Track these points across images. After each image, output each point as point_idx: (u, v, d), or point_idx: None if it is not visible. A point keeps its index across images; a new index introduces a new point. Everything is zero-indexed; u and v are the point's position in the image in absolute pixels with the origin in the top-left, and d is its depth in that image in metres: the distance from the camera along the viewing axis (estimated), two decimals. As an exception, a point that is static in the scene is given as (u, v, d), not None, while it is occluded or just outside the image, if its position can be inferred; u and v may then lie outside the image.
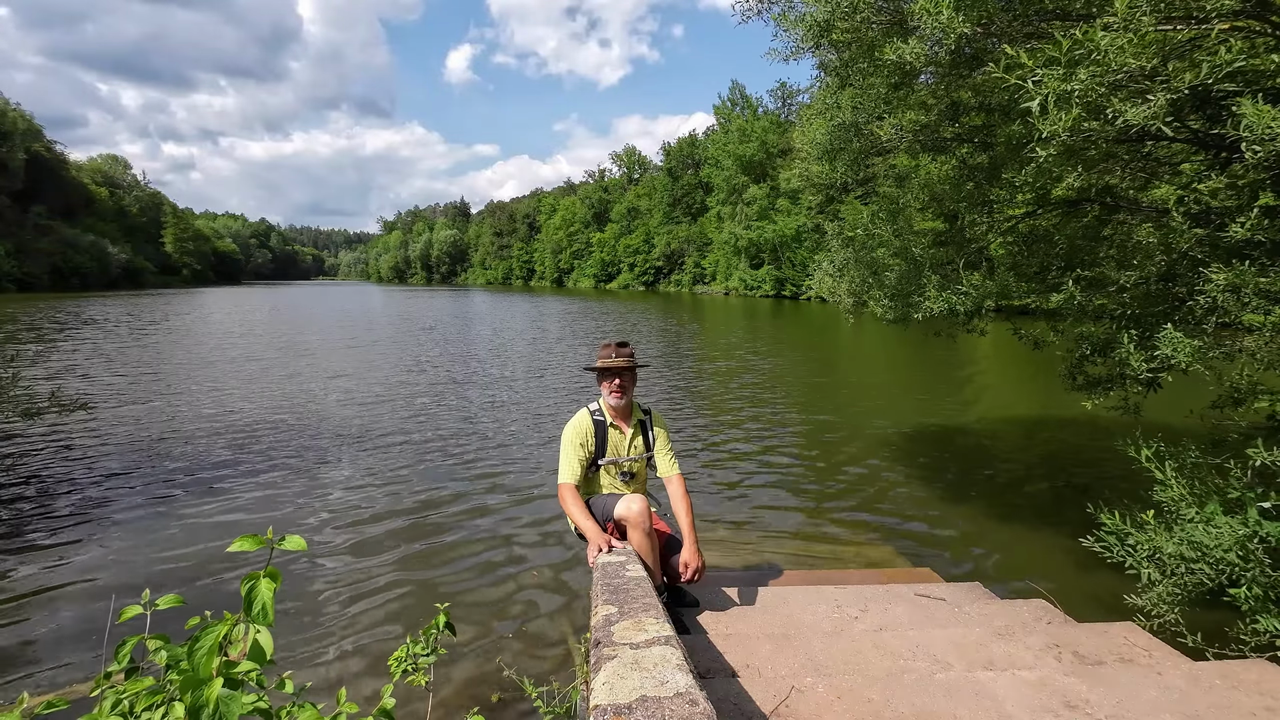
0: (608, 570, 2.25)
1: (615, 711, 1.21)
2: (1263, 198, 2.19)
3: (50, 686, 2.82)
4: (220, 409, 8.40)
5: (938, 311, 3.46)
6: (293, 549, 1.02)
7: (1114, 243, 3.54)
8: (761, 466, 6.22)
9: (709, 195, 58.89)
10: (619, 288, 69.12)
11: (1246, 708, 1.79)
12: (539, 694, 2.41)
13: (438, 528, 4.67)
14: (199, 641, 0.91)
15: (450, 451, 6.62)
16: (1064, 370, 3.90)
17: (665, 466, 2.87)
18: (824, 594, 2.94)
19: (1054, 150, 2.25)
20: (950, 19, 2.36)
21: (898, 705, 1.81)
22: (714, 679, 1.98)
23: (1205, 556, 2.15)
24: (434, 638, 1.64)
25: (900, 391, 10.48)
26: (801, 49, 3.38)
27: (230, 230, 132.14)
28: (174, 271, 76.90)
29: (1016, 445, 7.16)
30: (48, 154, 60.33)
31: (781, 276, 45.01)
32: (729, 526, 4.72)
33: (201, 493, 5.26)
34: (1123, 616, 2.55)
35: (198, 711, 0.84)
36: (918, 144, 3.78)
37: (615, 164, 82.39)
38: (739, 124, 52.10)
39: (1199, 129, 2.71)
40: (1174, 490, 2.32)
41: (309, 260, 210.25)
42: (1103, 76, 1.95)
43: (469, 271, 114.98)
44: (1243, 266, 2.25)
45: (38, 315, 24.06)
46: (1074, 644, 2.28)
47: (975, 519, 4.90)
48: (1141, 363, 2.60)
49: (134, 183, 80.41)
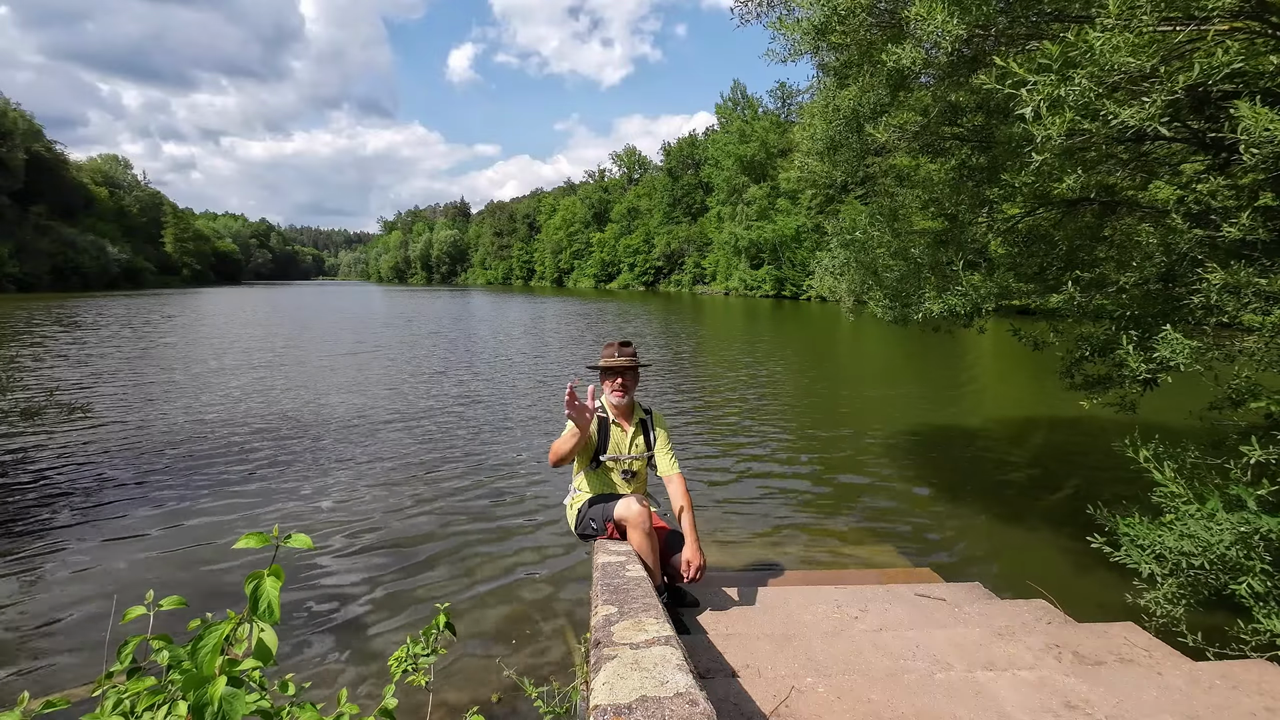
0: (608, 570, 2.25)
1: (615, 711, 1.21)
2: (1262, 198, 2.19)
3: (51, 686, 2.83)
4: (220, 411, 8.41)
5: (937, 313, 3.46)
6: (298, 547, 1.02)
7: (1113, 243, 3.54)
8: (761, 466, 6.22)
9: (709, 195, 58.88)
10: (619, 288, 69.09)
11: (1246, 708, 1.79)
12: (539, 694, 2.41)
13: (438, 528, 4.67)
14: (203, 639, 0.91)
15: (451, 453, 6.62)
16: (1062, 369, 3.90)
17: (665, 465, 2.88)
18: (824, 594, 2.95)
19: (1049, 153, 2.25)
20: (945, 23, 2.36)
21: (898, 705, 1.81)
22: (714, 679, 1.98)
23: (1207, 552, 2.15)
24: (434, 638, 1.65)
25: (900, 391, 10.48)
26: (799, 51, 3.39)
27: (230, 230, 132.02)
28: (174, 271, 76.86)
29: (1017, 445, 7.17)
30: (48, 154, 60.26)
31: (781, 276, 45.02)
32: (729, 527, 4.72)
33: (202, 494, 5.26)
34: (1123, 616, 2.55)
35: (201, 710, 0.84)
36: (917, 145, 3.79)
37: (615, 164, 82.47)
38: (739, 124, 52.06)
39: (1198, 129, 2.71)
40: (1173, 488, 2.33)
41: (309, 260, 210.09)
42: (1098, 79, 1.95)
43: (469, 272, 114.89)
44: (1241, 267, 2.26)
45: (38, 315, 24.05)
46: (1074, 644, 2.28)
47: (975, 519, 4.90)
48: (1140, 363, 2.60)
49: (134, 182, 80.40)
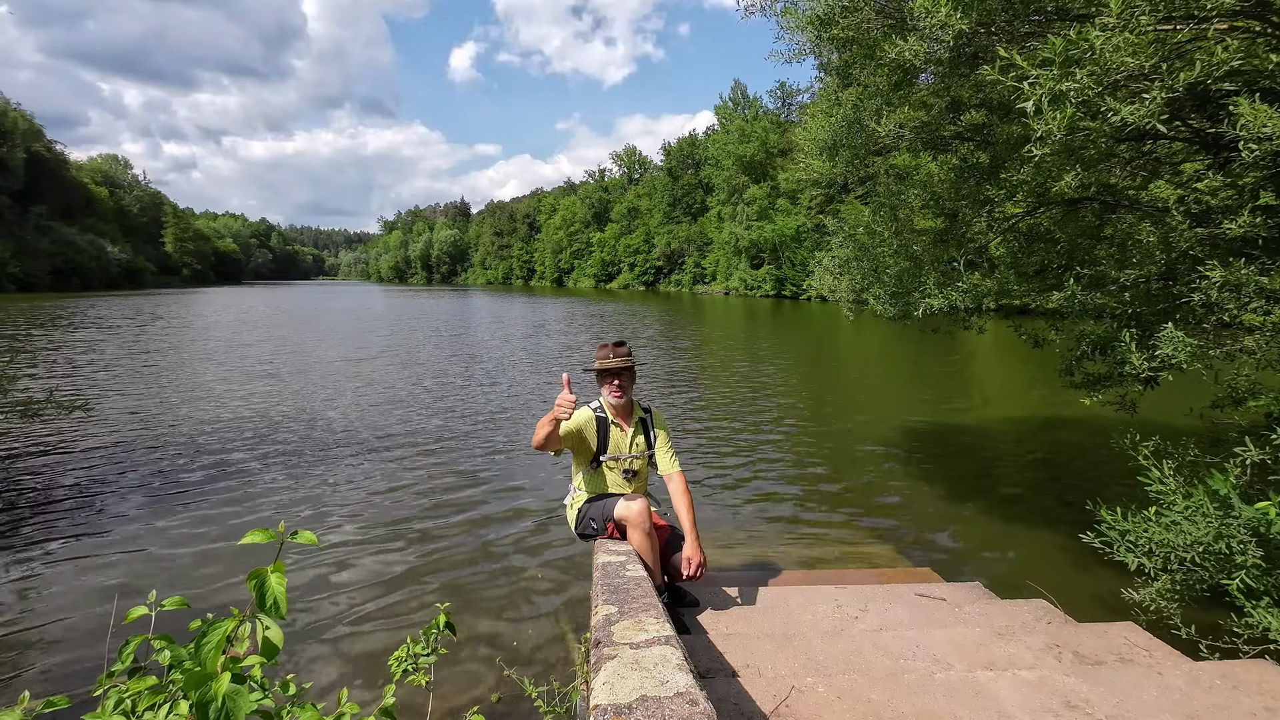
0: (608, 570, 2.25)
1: (615, 711, 1.21)
2: (1263, 197, 2.19)
3: (52, 686, 2.83)
4: (221, 412, 8.41)
5: (938, 309, 3.46)
6: (304, 543, 1.02)
7: (1114, 241, 3.54)
8: (761, 466, 6.22)
9: (709, 195, 58.83)
10: (619, 288, 69.07)
11: (1246, 708, 1.79)
12: (539, 694, 2.41)
13: (438, 528, 4.67)
14: (206, 636, 0.91)
15: (451, 455, 6.62)
16: (1062, 367, 3.89)
17: (666, 464, 2.88)
18: (824, 594, 2.95)
19: (1050, 149, 2.25)
20: (949, 15, 2.36)
21: (898, 705, 1.81)
22: (714, 679, 1.98)
23: (1194, 545, 2.15)
24: (434, 638, 1.65)
25: (900, 391, 10.47)
26: (803, 51, 3.39)
27: (230, 230, 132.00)
28: (174, 271, 76.86)
29: (1017, 445, 7.16)
30: (48, 154, 60.28)
31: (781, 276, 45.00)
32: (729, 526, 4.72)
33: (202, 494, 5.27)
34: (1123, 617, 2.55)
35: (205, 707, 0.84)
36: (919, 142, 3.78)
37: (615, 164, 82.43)
38: (739, 124, 52.01)
39: (1199, 128, 2.71)
40: (1170, 484, 2.33)
41: (309, 260, 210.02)
42: (1098, 76, 1.95)
43: (469, 271, 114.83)
44: (1241, 265, 2.26)
45: (38, 315, 24.05)
46: (1074, 644, 2.28)
47: (975, 518, 4.90)
48: (1142, 361, 2.59)
49: (134, 182, 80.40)
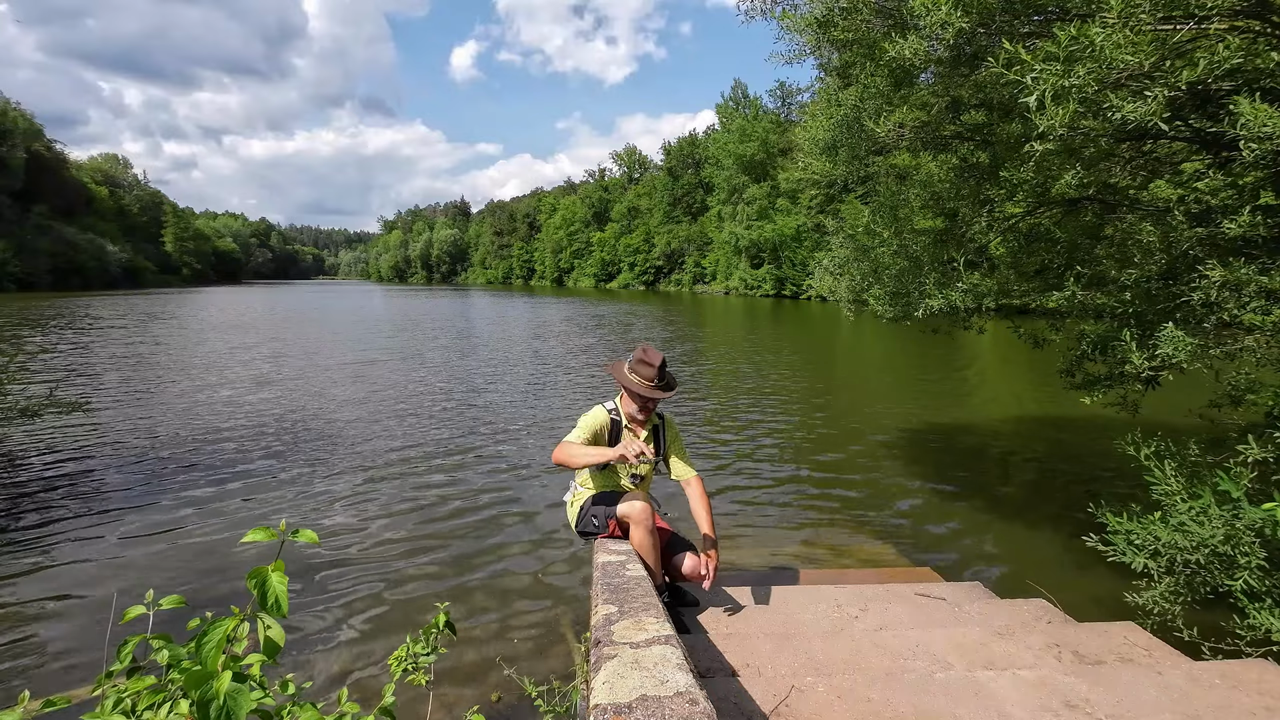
0: (608, 569, 2.25)
1: (615, 711, 1.21)
2: (1263, 196, 2.19)
3: (51, 686, 2.83)
4: (221, 411, 8.41)
5: (938, 309, 3.46)
6: (305, 542, 1.02)
7: (1114, 241, 3.54)
8: (761, 466, 6.22)
9: (709, 195, 58.82)
10: (619, 287, 69.06)
11: (1246, 708, 1.79)
12: (539, 694, 2.41)
13: (438, 529, 4.67)
14: (207, 635, 0.91)
15: (451, 455, 6.62)
16: (1063, 367, 3.89)
17: (682, 469, 2.86)
18: (824, 593, 2.94)
19: (1051, 146, 2.25)
20: (949, 14, 2.36)
21: (898, 705, 1.81)
22: (714, 678, 1.98)
23: (1201, 547, 2.14)
24: (434, 637, 1.64)
25: (900, 391, 10.47)
26: (803, 52, 3.39)
27: (230, 229, 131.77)
28: (174, 271, 76.83)
29: (1017, 445, 7.16)
30: (48, 153, 60.23)
31: (781, 276, 45.00)
32: (729, 526, 4.71)
33: (202, 494, 5.26)
34: (1123, 616, 2.55)
35: (205, 705, 0.84)
36: (919, 142, 3.78)
37: (616, 163, 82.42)
38: (739, 123, 52.01)
39: (1199, 127, 2.71)
40: (1172, 485, 2.32)
41: (309, 260, 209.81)
42: (1099, 73, 1.95)
43: (469, 271, 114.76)
44: (1241, 264, 2.25)
45: (37, 314, 24.05)
46: (1074, 644, 2.28)
47: (975, 518, 4.90)
48: (1142, 361, 2.59)
49: (134, 182, 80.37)
